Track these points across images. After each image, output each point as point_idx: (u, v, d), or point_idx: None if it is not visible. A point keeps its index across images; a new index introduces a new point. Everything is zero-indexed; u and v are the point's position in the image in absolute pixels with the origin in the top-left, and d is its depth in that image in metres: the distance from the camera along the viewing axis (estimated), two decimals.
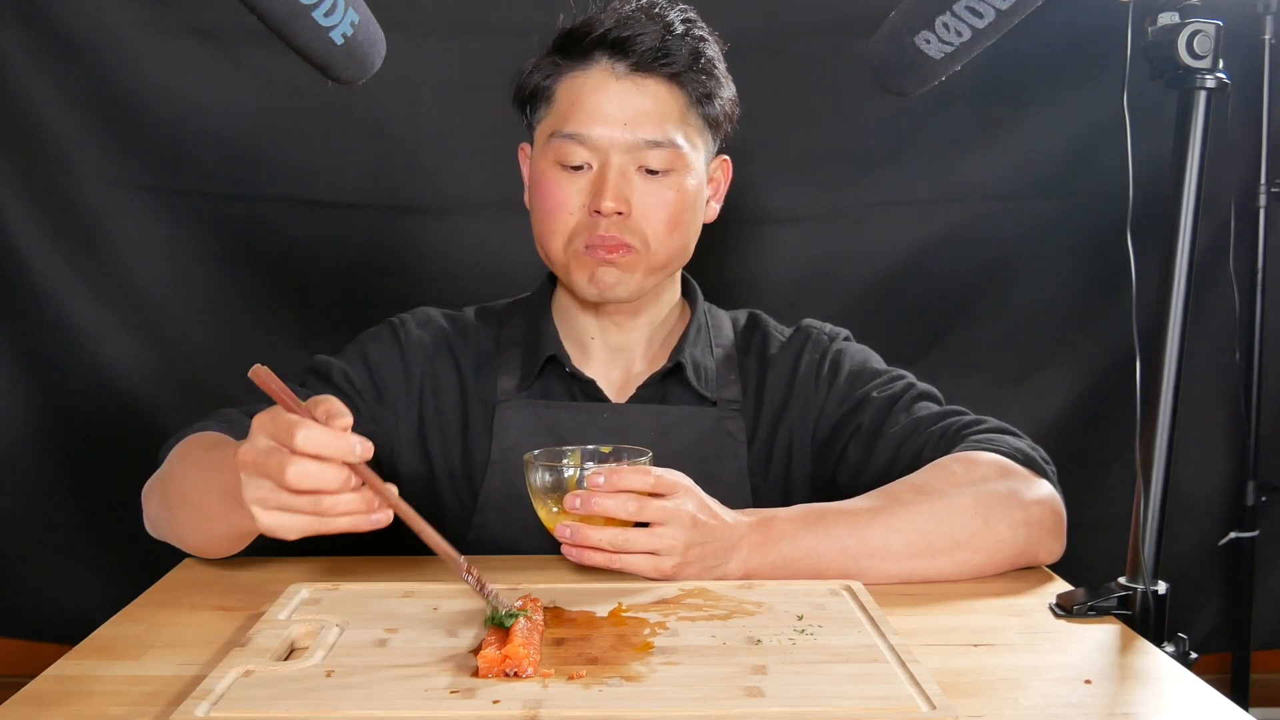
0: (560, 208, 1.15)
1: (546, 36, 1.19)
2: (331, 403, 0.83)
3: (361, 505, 0.83)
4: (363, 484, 0.82)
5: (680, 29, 1.15)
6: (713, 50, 1.19)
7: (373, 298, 1.77)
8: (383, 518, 0.83)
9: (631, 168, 1.15)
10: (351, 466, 0.81)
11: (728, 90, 1.20)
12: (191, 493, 1.01)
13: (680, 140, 1.15)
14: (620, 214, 1.13)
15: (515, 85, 1.21)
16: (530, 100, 1.21)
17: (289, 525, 0.83)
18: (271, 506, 0.83)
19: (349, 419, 0.82)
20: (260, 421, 0.83)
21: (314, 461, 0.80)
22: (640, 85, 1.14)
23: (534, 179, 1.20)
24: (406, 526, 0.85)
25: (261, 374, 0.84)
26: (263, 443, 0.82)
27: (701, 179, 1.20)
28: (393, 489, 0.84)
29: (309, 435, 0.80)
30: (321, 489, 0.81)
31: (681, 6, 1.18)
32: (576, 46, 1.15)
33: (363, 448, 0.81)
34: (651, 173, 1.15)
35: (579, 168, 1.15)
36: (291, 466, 0.80)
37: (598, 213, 1.13)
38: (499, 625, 0.81)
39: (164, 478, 1.07)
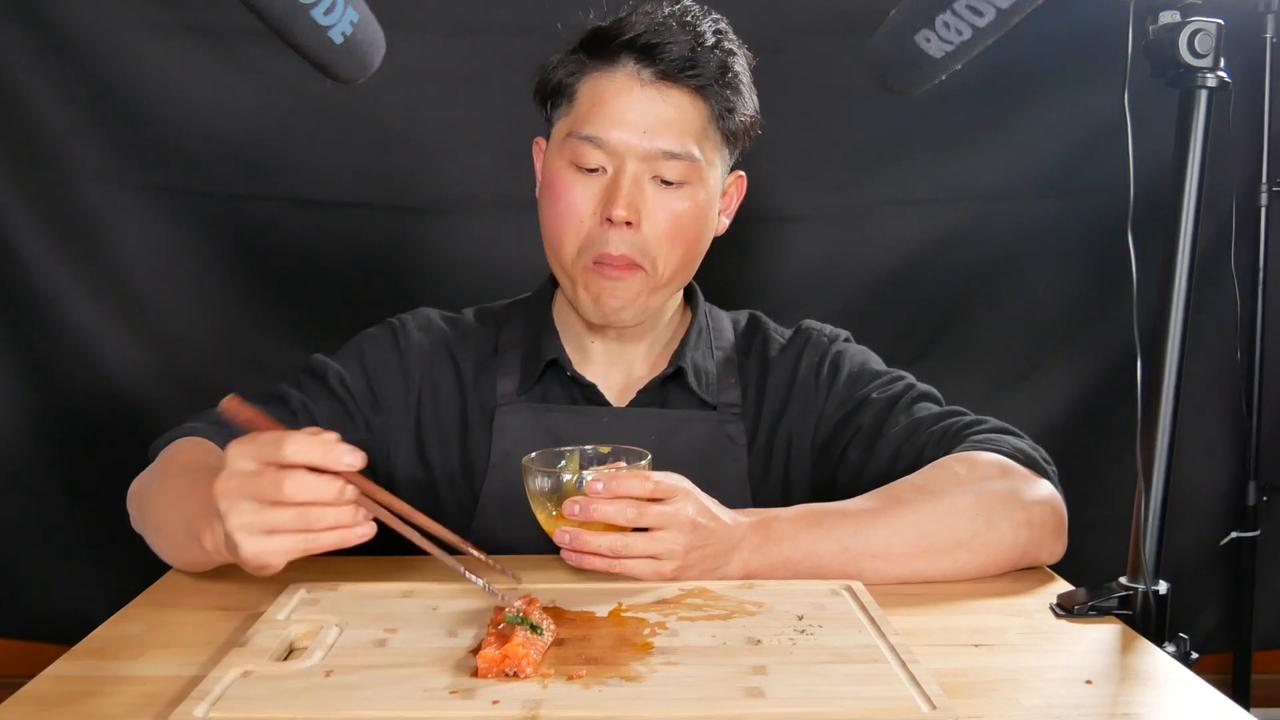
0: (571, 212, 1.14)
1: (573, 34, 1.17)
2: (313, 429, 0.82)
3: (347, 518, 0.81)
4: (357, 496, 0.81)
5: (711, 40, 1.13)
6: (740, 65, 1.17)
7: (373, 297, 1.77)
8: (366, 531, 0.82)
9: (646, 176, 1.13)
10: (347, 477, 0.80)
11: (750, 105, 1.18)
12: (162, 519, 1.00)
13: (697, 153, 1.13)
14: (630, 224, 1.12)
15: (537, 80, 1.19)
16: (551, 96, 1.19)
17: (274, 548, 0.81)
18: (257, 531, 0.80)
19: (334, 435, 0.81)
20: (237, 447, 0.81)
21: (308, 473, 0.79)
22: (664, 94, 1.12)
23: (547, 177, 1.18)
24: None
25: (233, 406, 0.83)
26: (243, 465, 0.81)
27: (714, 193, 1.18)
28: (397, 502, 0.83)
29: (297, 445, 0.79)
30: (318, 499, 0.79)
31: (714, 17, 1.16)
32: (604, 48, 1.13)
33: (352, 456, 0.80)
34: (666, 183, 1.13)
35: (594, 170, 1.13)
36: (288, 480, 0.78)
37: (608, 220, 1.12)
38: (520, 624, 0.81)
39: (142, 492, 1.06)
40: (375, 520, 0.84)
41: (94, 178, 1.78)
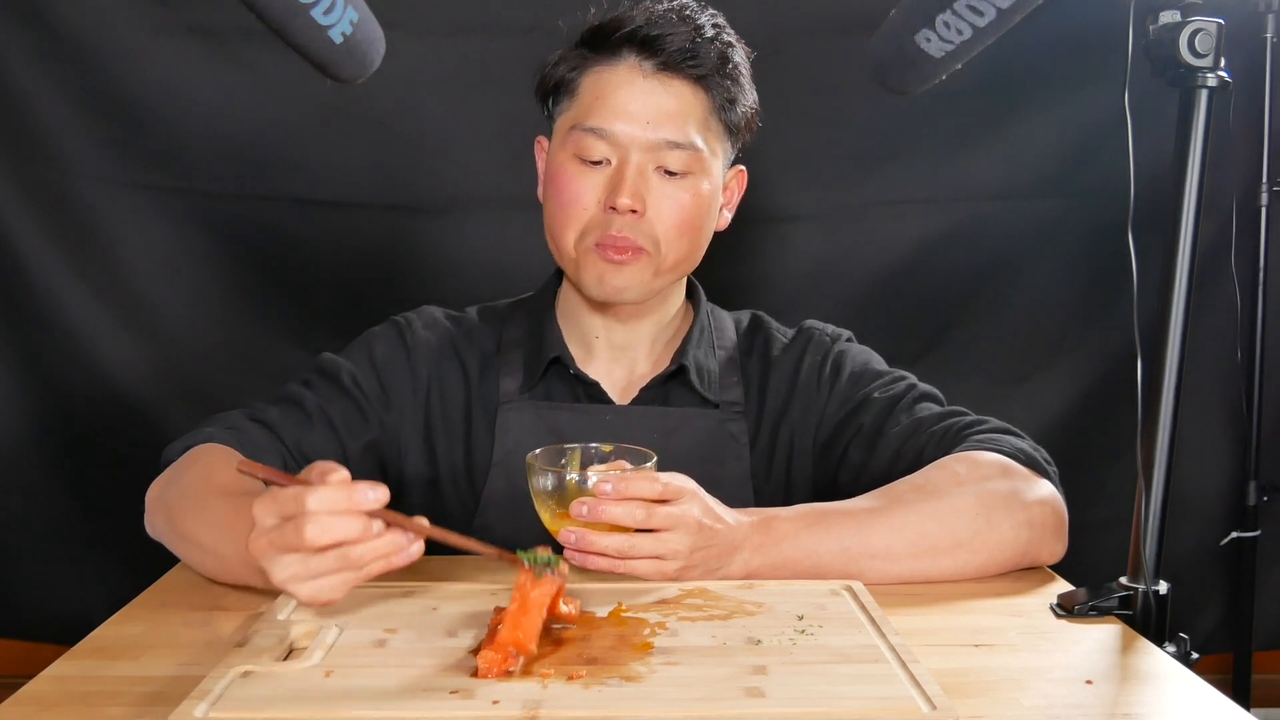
0: (575, 202, 1.14)
1: (574, 31, 1.18)
2: (322, 465, 0.82)
3: (389, 548, 0.80)
4: (388, 526, 0.81)
5: (710, 32, 1.15)
6: (740, 56, 1.18)
7: (373, 297, 1.77)
8: (416, 551, 0.81)
9: (650, 167, 1.14)
10: (374, 514, 0.80)
11: (750, 97, 1.20)
12: (209, 541, 0.99)
13: (700, 143, 1.14)
14: (635, 212, 1.13)
15: (539, 76, 1.20)
16: (553, 92, 1.20)
17: (326, 587, 0.80)
18: (304, 578, 0.80)
19: (345, 472, 0.81)
20: (261, 505, 0.81)
21: (327, 516, 0.78)
22: (666, 85, 1.13)
23: (550, 171, 1.18)
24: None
25: (247, 469, 0.84)
26: (269, 522, 0.80)
27: (717, 185, 1.19)
28: (423, 520, 0.82)
29: (320, 497, 0.78)
30: (343, 540, 0.78)
31: (712, 11, 1.18)
32: (605, 41, 1.14)
33: (375, 494, 0.79)
34: (670, 174, 1.14)
35: (598, 163, 1.14)
36: (309, 525, 0.77)
37: (613, 209, 1.13)
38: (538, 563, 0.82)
39: (173, 505, 1.04)
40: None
41: (94, 178, 1.77)
